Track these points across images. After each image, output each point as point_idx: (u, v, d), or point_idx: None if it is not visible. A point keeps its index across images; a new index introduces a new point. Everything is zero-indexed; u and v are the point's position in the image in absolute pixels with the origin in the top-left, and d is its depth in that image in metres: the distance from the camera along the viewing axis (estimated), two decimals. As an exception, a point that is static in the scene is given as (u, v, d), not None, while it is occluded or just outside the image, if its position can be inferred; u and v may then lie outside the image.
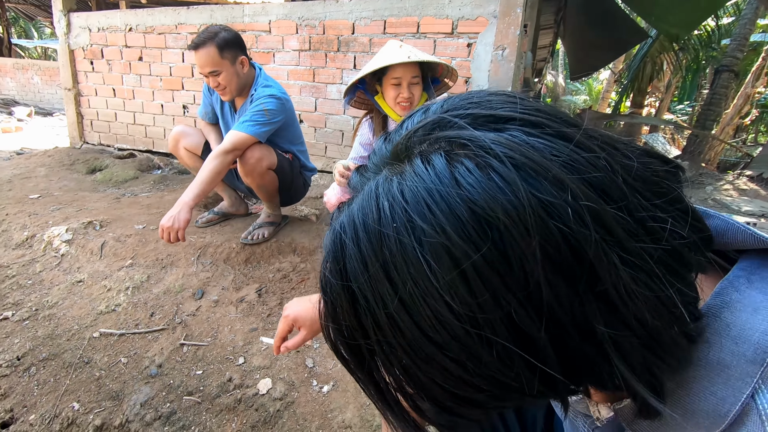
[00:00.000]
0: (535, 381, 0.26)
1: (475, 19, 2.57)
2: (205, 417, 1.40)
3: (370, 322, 0.29)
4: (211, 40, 1.84)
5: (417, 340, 0.27)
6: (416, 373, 0.29)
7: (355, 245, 0.28)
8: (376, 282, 0.27)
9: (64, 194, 2.93)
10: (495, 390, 0.28)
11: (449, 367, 0.27)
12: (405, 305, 0.26)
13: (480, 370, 0.26)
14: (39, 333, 1.70)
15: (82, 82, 4.02)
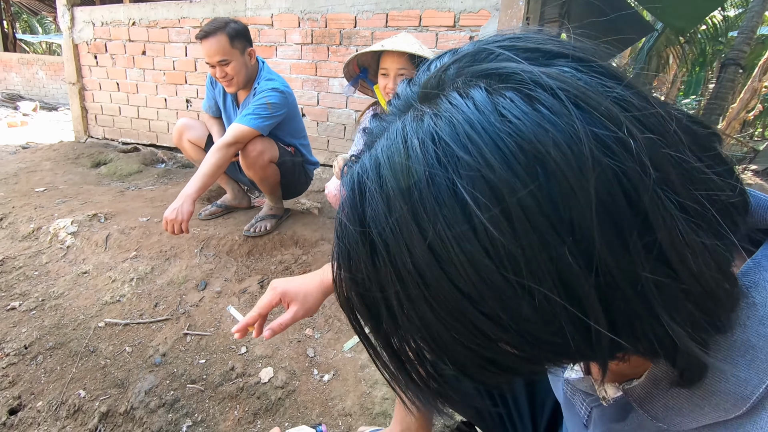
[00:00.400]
0: (577, 337, 0.24)
1: (478, 11, 2.57)
2: (208, 404, 1.42)
3: (391, 273, 0.26)
4: (221, 29, 1.84)
5: (445, 292, 0.24)
6: (440, 331, 0.26)
7: (377, 187, 0.26)
8: (400, 227, 0.24)
9: (69, 187, 2.96)
10: (528, 350, 0.25)
11: (480, 324, 0.24)
12: (434, 252, 0.24)
13: (516, 325, 0.24)
14: (46, 323, 1.73)
15: (86, 76, 4.04)
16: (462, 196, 0.23)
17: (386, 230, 0.25)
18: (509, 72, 0.25)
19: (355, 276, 0.28)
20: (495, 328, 0.24)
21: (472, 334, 0.25)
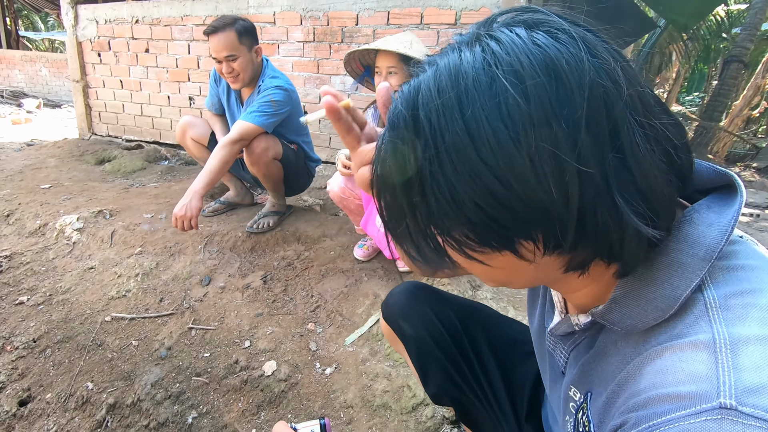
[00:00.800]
0: (558, 205, 0.32)
1: (479, 9, 2.58)
2: (213, 397, 1.46)
3: (429, 142, 0.33)
4: (230, 25, 1.87)
5: (470, 159, 0.32)
6: (459, 190, 0.33)
7: (432, 80, 0.34)
8: (444, 107, 0.33)
9: (74, 184, 3.00)
10: (524, 210, 0.33)
11: (492, 186, 0.32)
12: (468, 127, 0.32)
13: (519, 187, 0.32)
14: (53, 317, 1.77)
15: (90, 73, 4.07)
16: (497, 84, 0.32)
17: (433, 110, 0.33)
18: (541, 20, 0.35)
19: (396, 143, 0.36)
20: (503, 189, 0.32)
21: (484, 195, 0.33)
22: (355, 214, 1.88)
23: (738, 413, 0.28)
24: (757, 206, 3.70)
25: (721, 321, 0.33)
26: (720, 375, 0.30)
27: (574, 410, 0.49)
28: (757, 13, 6.73)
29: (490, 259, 0.38)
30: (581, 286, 0.43)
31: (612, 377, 0.41)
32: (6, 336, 1.69)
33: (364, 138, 0.52)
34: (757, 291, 0.34)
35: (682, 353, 0.33)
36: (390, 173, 0.37)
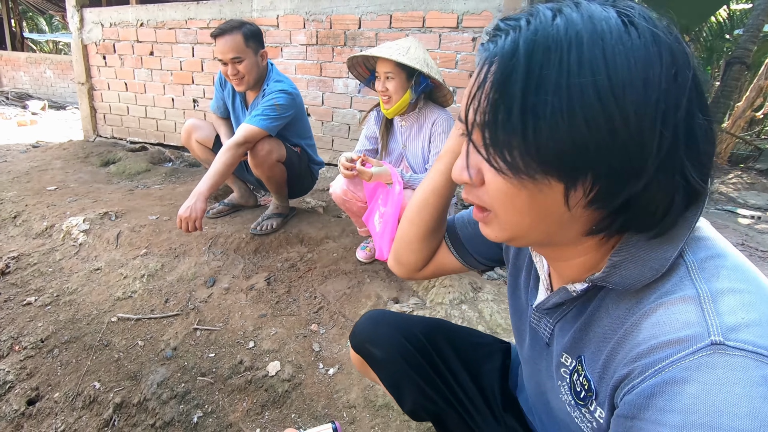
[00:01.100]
0: (656, 147, 0.37)
1: (480, 13, 2.60)
2: (218, 396, 1.48)
3: (566, 57, 0.37)
4: (237, 28, 1.90)
5: (599, 82, 0.36)
6: (577, 104, 0.37)
7: (579, 16, 0.39)
8: (590, 33, 0.37)
9: (80, 186, 3.03)
10: (617, 146, 0.37)
11: (609, 109, 0.36)
12: (606, 55, 0.37)
13: (632, 120, 0.37)
14: (61, 317, 1.80)
15: (95, 76, 4.11)
16: (638, 30, 0.38)
17: (579, 31, 0.38)
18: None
19: (538, 42, 0.39)
20: (619, 117, 0.37)
21: (597, 116, 0.37)
22: (357, 215, 1.91)
23: (726, 347, 0.35)
24: (759, 208, 3.70)
25: (700, 279, 0.41)
26: (707, 320, 0.37)
27: (567, 374, 0.54)
28: (760, 14, 6.72)
29: (538, 193, 0.41)
30: (578, 255, 0.49)
31: (608, 338, 0.46)
32: (14, 336, 1.72)
33: None
34: (722, 255, 0.43)
35: (674, 307, 0.40)
36: (524, 68, 0.38)
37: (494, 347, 0.92)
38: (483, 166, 0.45)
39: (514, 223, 0.45)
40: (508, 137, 0.40)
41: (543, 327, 0.60)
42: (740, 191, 4.41)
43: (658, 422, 0.36)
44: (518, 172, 0.40)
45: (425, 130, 1.73)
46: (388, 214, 1.55)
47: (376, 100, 3.00)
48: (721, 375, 0.34)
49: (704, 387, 0.35)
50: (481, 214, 0.48)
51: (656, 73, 0.37)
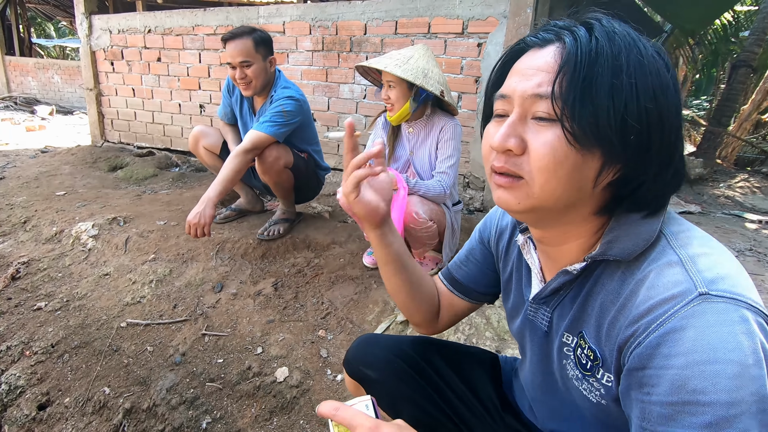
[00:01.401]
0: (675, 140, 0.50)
1: (486, 19, 2.61)
2: (227, 402, 1.49)
3: (629, 67, 0.47)
4: (248, 34, 1.94)
5: (644, 81, 0.47)
6: (628, 96, 0.46)
7: (616, 29, 0.49)
8: (633, 46, 0.48)
9: (89, 191, 3.06)
10: (648, 138, 0.48)
11: (643, 104, 0.47)
12: (642, 64, 0.48)
13: (671, 99, 0.49)
14: (71, 322, 1.81)
15: (103, 82, 4.15)
16: (650, 46, 0.50)
17: (625, 40, 0.48)
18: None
19: (616, 40, 0.49)
20: (662, 96, 0.48)
21: (651, 96, 0.47)
22: (364, 222, 1.91)
23: (710, 296, 0.44)
24: (765, 212, 3.68)
25: (678, 246, 0.50)
26: (692, 277, 0.46)
27: (571, 351, 0.60)
28: (766, 17, 6.69)
29: (580, 165, 0.49)
30: (577, 238, 0.57)
31: (607, 309, 0.53)
32: (25, 341, 1.73)
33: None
34: (689, 228, 0.53)
35: (663, 271, 0.48)
36: (608, 54, 0.47)
37: (483, 356, 0.96)
38: (529, 137, 0.51)
39: (547, 189, 0.50)
40: (590, 109, 0.47)
41: (540, 317, 0.66)
42: (747, 195, 4.38)
43: (666, 366, 0.44)
44: (583, 140, 0.48)
45: (432, 137, 1.74)
46: (392, 218, 1.55)
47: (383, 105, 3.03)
48: (711, 319, 0.43)
49: (699, 331, 0.43)
50: (505, 179, 0.53)
51: (677, 88, 0.50)
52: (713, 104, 12.25)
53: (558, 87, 0.48)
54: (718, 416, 0.40)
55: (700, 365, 0.42)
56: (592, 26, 0.49)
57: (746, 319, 0.43)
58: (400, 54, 1.63)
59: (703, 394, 0.41)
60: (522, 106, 0.51)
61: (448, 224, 1.80)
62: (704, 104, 13.17)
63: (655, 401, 0.44)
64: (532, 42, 0.53)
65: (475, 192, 2.90)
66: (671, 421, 0.43)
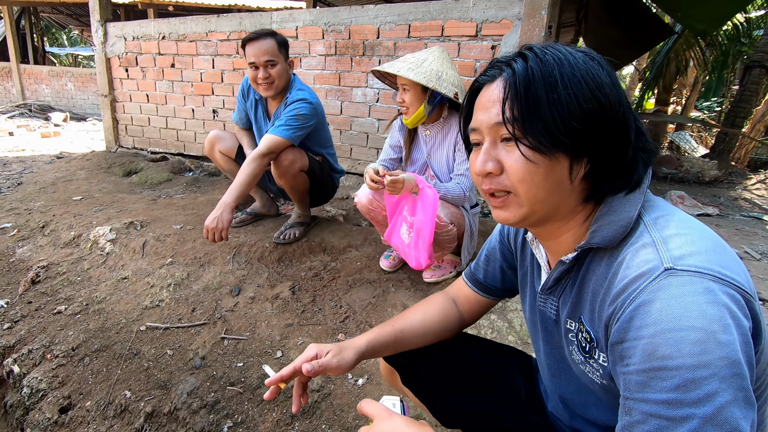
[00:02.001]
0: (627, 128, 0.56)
1: (500, 21, 2.60)
2: (248, 406, 1.48)
3: (563, 79, 0.54)
4: (271, 35, 1.97)
5: (576, 91, 0.54)
6: (566, 107, 0.54)
7: (551, 54, 0.57)
8: (567, 60, 0.56)
9: (104, 196, 3.09)
10: (604, 127, 0.55)
11: (582, 109, 0.54)
12: (587, 68, 0.56)
13: (607, 105, 0.55)
14: (90, 326, 1.82)
15: (117, 88, 4.21)
16: (591, 59, 0.58)
17: (563, 60, 0.56)
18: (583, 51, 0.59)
19: (548, 67, 0.56)
20: (603, 100, 0.55)
21: (592, 103, 0.54)
22: (381, 224, 1.91)
23: (675, 270, 0.48)
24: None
25: (654, 230, 0.55)
26: (661, 255, 0.50)
27: (574, 337, 0.65)
28: (779, 17, 6.61)
29: (551, 168, 0.56)
30: (569, 230, 0.63)
31: (597, 292, 0.59)
32: (46, 345, 1.75)
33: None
34: (670, 213, 0.57)
35: (637, 252, 0.53)
36: (540, 78, 0.55)
37: (518, 356, 0.99)
38: (502, 157, 0.59)
39: (531, 196, 0.58)
40: (539, 123, 0.54)
41: (549, 306, 0.71)
42: (765, 197, 4.31)
43: (638, 337, 0.48)
44: (543, 147, 0.55)
45: (450, 139, 1.73)
46: (420, 221, 1.54)
47: (396, 108, 3.02)
48: (675, 291, 0.47)
49: (665, 302, 0.47)
50: (498, 200, 0.62)
51: (615, 80, 0.56)
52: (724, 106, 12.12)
53: (509, 111, 0.56)
54: (685, 379, 0.43)
55: (666, 333, 0.45)
56: (525, 56, 0.57)
57: (712, 289, 0.46)
58: (414, 57, 1.63)
59: (670, 360, 0.45)
60: (490, 134, 0.60)
61: (467, 227, 1.79)
62: (715, 106, 13.02)
63: (632, 371, 0.48)
64: (483, 80, 0.62)
65: (489, 195, 2.89)
66: (645, 387, 0.47)
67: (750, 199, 4.21)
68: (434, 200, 1.53)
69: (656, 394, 0.45)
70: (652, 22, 6.07)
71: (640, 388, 0.47)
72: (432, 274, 1.89)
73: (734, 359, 0.43)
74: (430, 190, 1.54)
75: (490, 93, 0.59)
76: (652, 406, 0.46)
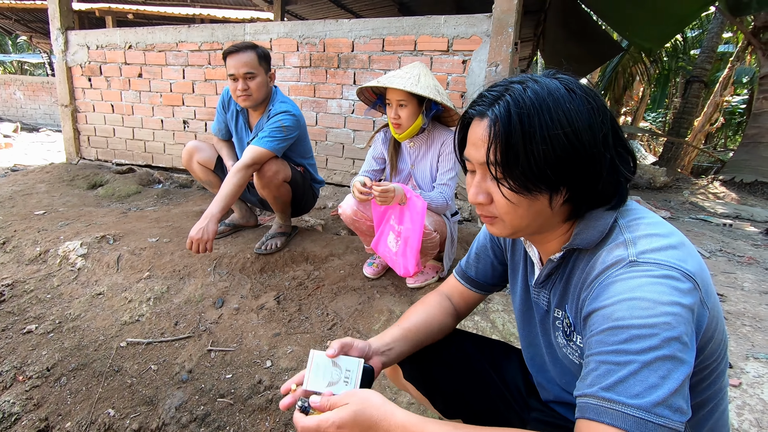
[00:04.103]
0: (600, 161, 0.63)
1: (470, 37, 2.74)
2: (239, 417, 1.48)
3: (544, 118, 0.60)
4: (252, 48, 1.98)
5: (552, 142, 0.60)
6: (543, 156, 0.60)
7: (532, 91, 0.63)
8: (548, 102, 0.61)
9: (69, 210, 2.96)
10: (578, 165, 0.61)
11: (572, 142, 0.60)
12: (566, 113, 0.61)
13: (585, 145, 0.61)
14: (66, 344, 1.75)
15: (79, 98, 4.05)
16: (574, 94, 0.63)
17: (543, 104, 0.62)
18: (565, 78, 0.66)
19: (522, 116, 0.62)
20: (577, 144, 0.61)
21: (565, 147, 0.60)
22: (366, 234, 1.95)
23: (638, 262, 0.58)
24: (727, 216, 3.95)
25: (627, 232, 0.63)
26: (628, 251, 0.60)
27: (560, 324, 0.75)
28: (713, 37, 7.27)
29: (532, 202, 0.64)
30: (556, 237, 0.72)
31: (578, 285, 0.68)
32: (17, 366, 1.66)
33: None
34: (642, 216, 0.66)
35: (611, 251, 0.62)
36: (519, 129, 0.61)
37: (509, 347, 1.06)
38: (491, 190, 0.67)
39: (516, 224, 0.68)
40: (517, 169, 0.62)
41: (542, 298, 0.79)
42: (708, 200, 4.69)
43: (601, 308, 0.57)
44: (522, 190, 0.63)
45: (434, 151, 1.81)
46: (408, 230, 1.60)
47: (372, 120, 3.09)
48: (635, 274, 0.57)
49: (624, 282, 0.57)
50: (489, 219, 0.71)
51: (595, 119, 0.62)
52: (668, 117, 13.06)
53: (492, 155, 0.63)
54: (632, 334, 0.53)
55: (622, 302, 0.55)
56: (507, 101, 0.63)
57: (667, 275, 0.56)
58: (408, 73, 1.69)
59: (622, 320, 0.54)
60: (480, 169, 0.68)
61: (449, 234, 1.87)
62: (660, 117, 14.00)
63: (593, 333, 0.57)
64: (472, 114, 0.68)
65: (463, 202, 2.99)
66: (601, 343, 0.55)
67: (695, 202, 4.57)
68: (422, 209, 1.59)
69: (608, 346, 0.54)
70: (604, 40, 6.51)
71: (597, 345, 0.56)
72: (415, 280, 1.95)
73: (674, 326, 0.52)
74: (418, 200, 1.60)
75: (479, 131, 0.66)
76: (604, 356, 0.54)
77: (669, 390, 0.50)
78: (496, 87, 0.66)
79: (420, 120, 1.71)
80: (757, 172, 5.40)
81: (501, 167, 0.63)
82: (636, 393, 0.50)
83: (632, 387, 0.51)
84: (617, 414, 0.51)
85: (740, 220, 3.83)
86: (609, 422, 0.51)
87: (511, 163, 0.61)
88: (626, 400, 0.51)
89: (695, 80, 7.36)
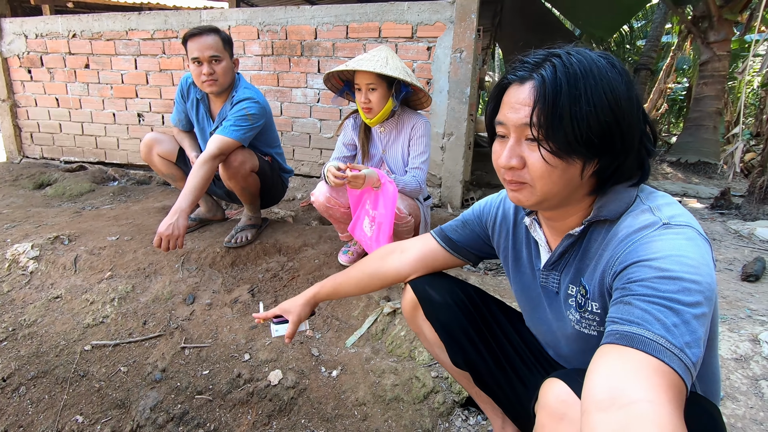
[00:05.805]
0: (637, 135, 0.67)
1: (434, 24, 2.75)
2: (219, 413, 1.43)
3: (587, 92, 0.62)
4: (215, 31, 1.90)
5: (597, 106, 0.62)
6: (587, 120, 0.62)
7: (578, 62, 0.65)
8: (589, 75, 0.63)
9: (15, 211, 2.75)
10: (617, 135, 0.64)
11: (600, 122, 0.62)
12: (597, 89, 0.63)
13: (616, 124, 0.64)
14: (22, 352, 1.64)
15: (18, 92, 3.75)
16: (616, 67, 0.66)
17: (587, 69, 0.64)
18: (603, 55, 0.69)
19: (570, 76, 0.64)
20: (619, 110, 0.64)
21: (607, 113, 0.63)
22: (340, 222, 1.93)
23: (671, 225, 0.62)
24: (675, 194, 4.21)
25: (648, 201, 0.68)
26: (657, 216, 0.64)
27: (573, 300, 0.76)
28: (657, 26, 7.68)
29: (566, 169, 0.66)
30: (576, 212, 0.74)
31: (596, 253, 0.71)
32: (-32, 378, 1.54)
33: None
34: (655, 191, 0.71)
35: (637, 216, 0.66)
36: (567, 90, 0.63)
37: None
38: (525, 154, 0.67)
39: (546, 190, 0.68)
40: (561, 131, 0.63)
41: (551, 281, 0.81)
42: (658, 180, 4.99)
43: (646, 260, 0.59)
44: (561, 153, 0.64)
45: (404, 135, 1.81)
46: (381, 215, 1.60)
47: (338, 108, 3.05)
48: (672, 235, 0.61)
49: (666, 240, 0.60)
50: (516, 185, 0.71)
51: (633, 92, 0.65)
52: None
53: (536, 118, 0.64)
54: (684, 287, 0.55)
55: (671, 257, 0.58)
56: (554, 63, 0.64)
57: (700, 237, 0.62)
58: (375, 56, 1.67)
59: (674, 272, 0.57)
60: (516, 132, 0.68)
61: (422, 218, 1.88)
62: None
63: (638, 281, 0.58)
64: (512, 79, 0.68)
65: (432, 189, 3.02)
66: (652, 288, 0.57)
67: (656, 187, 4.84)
68: (394, 194, 1.59)
69: (662, 292, 0.56)
70: (558, 29, 6.73)
71: (645, 289, 0.57)
72: (391, 265, 1.96)
73: (714, 288, 0.58)
74: (391, 185, 1.60)
75: (519, 94, 0.66)
76: (657, 299, 0.56)
77: (703, 343, 0.55)
78: (536, 55, 0.67)
79: (390, 103, 1.71)
80: (700, 152, 5.78)
81: (543, 129, 0.63)
82: (687, 342, 0.53)
83: (684, 336, 0.53)
84: (673, 357, 0.52)
85: (687, 197, 4.10)
86: (667, 361, 0.52)
87: (555, 125, 0.62)
88: (682, 346, 0.53)
89: (642, 68, 7.76)
